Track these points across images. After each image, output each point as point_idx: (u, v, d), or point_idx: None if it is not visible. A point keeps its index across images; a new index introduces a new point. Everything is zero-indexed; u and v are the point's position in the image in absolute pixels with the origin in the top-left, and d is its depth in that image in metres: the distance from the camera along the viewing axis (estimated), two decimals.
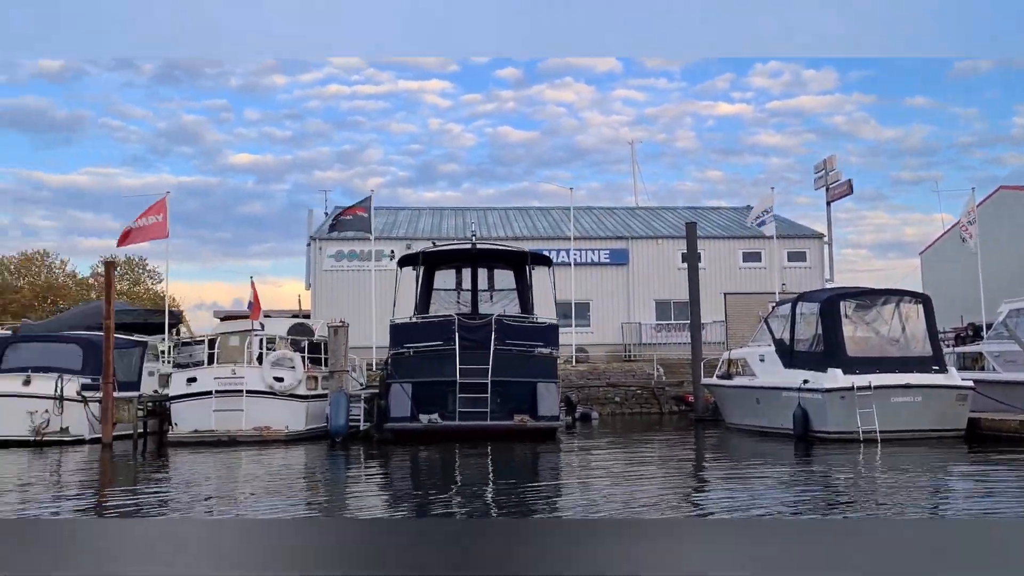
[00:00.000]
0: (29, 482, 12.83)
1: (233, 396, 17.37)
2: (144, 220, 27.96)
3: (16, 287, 65.05)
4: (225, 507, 9.81)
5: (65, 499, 10.80)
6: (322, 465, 14.54)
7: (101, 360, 19.04)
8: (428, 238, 35.58)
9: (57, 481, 13.07)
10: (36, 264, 68.16)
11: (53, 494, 11.39)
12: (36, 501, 10.56)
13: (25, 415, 17.70)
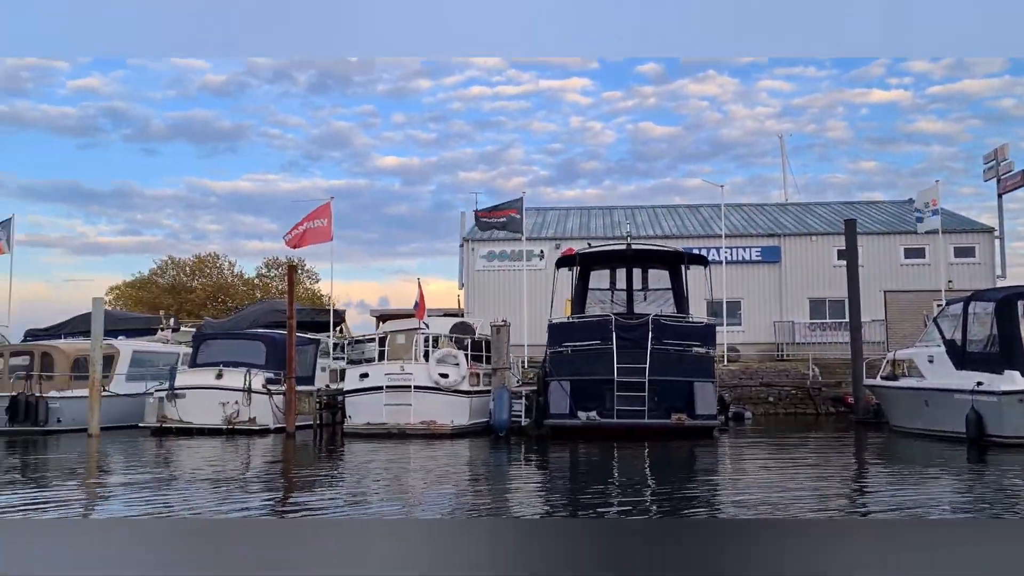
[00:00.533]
0: (225, 468, 14.16)
1: (402, 391, 18.41)
2: (310, 224, 29.66)
3: (190, 287, 69.98)
4: (404, 498, 10.56)
5: (263, 485, 11.91)
6: (490, 458, 15.23)
7: (282, 356, 20.60)
8: (576, 238, 36.06)
9: (257, 465, 14.34)
10: (208, 266, 73.01)
11: (259, 482, 12.55)
12: (242, 484, 11.73)
13: (218, 406, 19.39)
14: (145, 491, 10.87)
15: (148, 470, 13.51)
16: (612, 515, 8.50)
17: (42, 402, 19.48)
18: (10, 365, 21.05)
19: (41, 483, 12.06)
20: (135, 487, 11.34)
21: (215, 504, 9.63)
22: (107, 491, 11.19)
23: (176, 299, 64.65)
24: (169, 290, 68.10)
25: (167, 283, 69.90)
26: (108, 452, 16.38)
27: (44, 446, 17.50)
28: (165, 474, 12.93)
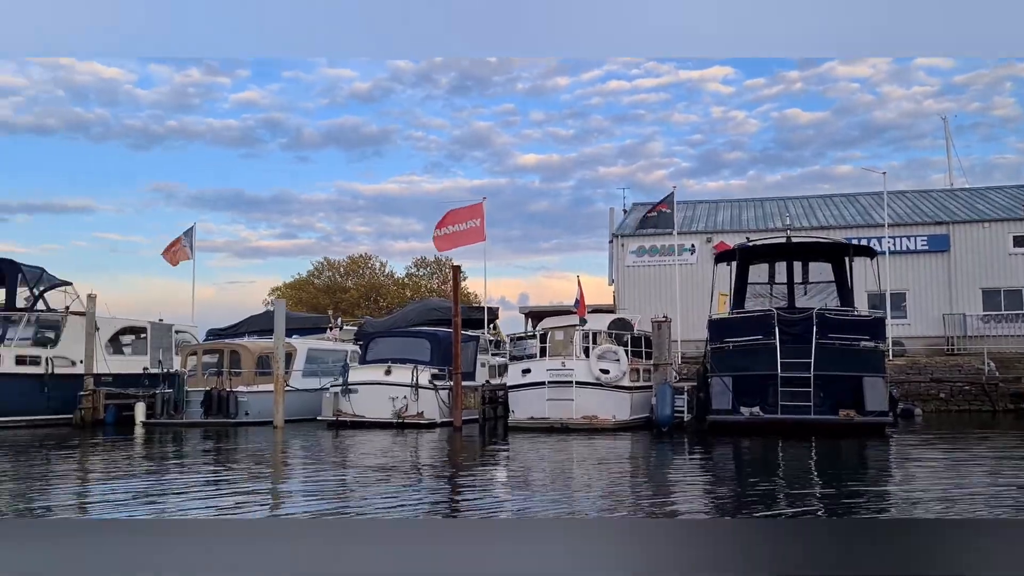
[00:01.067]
0: (407, 458, 14.97)
1: (564, 387, 18.84)
2: (463, 225, 30.43)
3: (345, 287, 73.20)
4: (581, 493, 10.90)
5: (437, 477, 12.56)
6: (656, 453, 15.38)
7: (446, 353, 21.47)
8: (728, 231, 35.49)
9: (434, 456, 15.09)
10: (360, 266, 76.20)
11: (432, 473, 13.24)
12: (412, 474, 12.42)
13: (388, 400, 20.45)
14: (329, 481, 11.72)
15: (334, 459, 14.49)
16: (792, 513, 8.52)
17: (232, 396, 21.14)
18: (203, 362, 22.95)
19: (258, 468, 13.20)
20: (317, 474, 12.24)
21: (396, 492, 10.28)
22: (310, 476, 12.12)
23: (332, 299, 67.72)
24: (325, 290, 71.45)
25: (323, 284, 73.43)
26: (295, 442, 17.63)
27: (236, 436, 18.99)
28: (353, 464, 13.85)
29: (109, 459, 14.76)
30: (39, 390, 21.35)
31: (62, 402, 21.62)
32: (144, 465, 13.66)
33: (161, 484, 11.07)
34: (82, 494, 10.31)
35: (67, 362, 22.29)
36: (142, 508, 8.99)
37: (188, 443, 17.94)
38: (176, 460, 14.48)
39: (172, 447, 17.03)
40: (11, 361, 21.13)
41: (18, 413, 20.79)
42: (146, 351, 25.09)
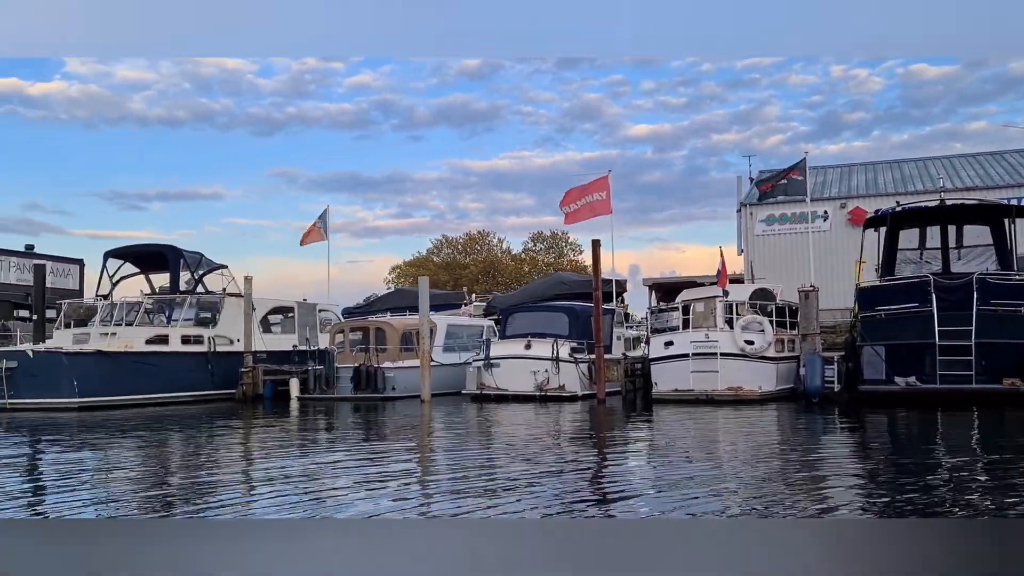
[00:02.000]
0: (563, 430, 15.26)
1: (708, 358, 18.76)
2: (589, 198, 30.40)
3: (464, 264, 74.26)
4: (748, 468, 10.87)
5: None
6: (809, 425, 15.15)
7: (585, 326, 21.67)
8: (863, 196, 34.26)
9: (584, 427, 15.34)
10: (478, 243, 77.13)
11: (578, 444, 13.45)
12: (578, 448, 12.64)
13: (530, 374, 20.85)
14: (474, 451, 12.09)
15: (491, 431, 14.92)
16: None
17: (379, 372, 21.99)
18: (349, 340, 23.95)
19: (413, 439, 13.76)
20: (474, 446, 12.64)
21: (555, 462, 10.52)
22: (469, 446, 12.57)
23: (451, 275, 68.90)
24: (444, 267, 72.66)
25: (442, 261, 74.78)
26: (445, 415, 18.23)
27: (385, 410, 19.77)
28: (505, 435, 14.24)
29: (286, 433, 15.67)
30: (203, 367, 22.76)
31: (223, 378, 22.99)
32: (322, 436, 14.46)
33: (344, 454, 11.69)
34: (276, 469, 11.00)
35: (226, 340, 23.65)
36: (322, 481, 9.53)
37: (349, 416, 18.81)
38: (354, 431, 15.24)
39: (336, 420, 17.92)
40: (177, 340, 22.59)
41: (186, 389, 22.23)
42: (294, 329, 26.31)
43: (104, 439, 14.04)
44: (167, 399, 21.67)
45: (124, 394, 20.88)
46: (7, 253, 58.73)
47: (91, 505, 7.75)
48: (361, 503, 7.58)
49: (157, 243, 24.35)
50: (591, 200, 30.12)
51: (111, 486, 9.03)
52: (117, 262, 24.55)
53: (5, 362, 20.26)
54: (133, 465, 10.90)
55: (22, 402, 20.19)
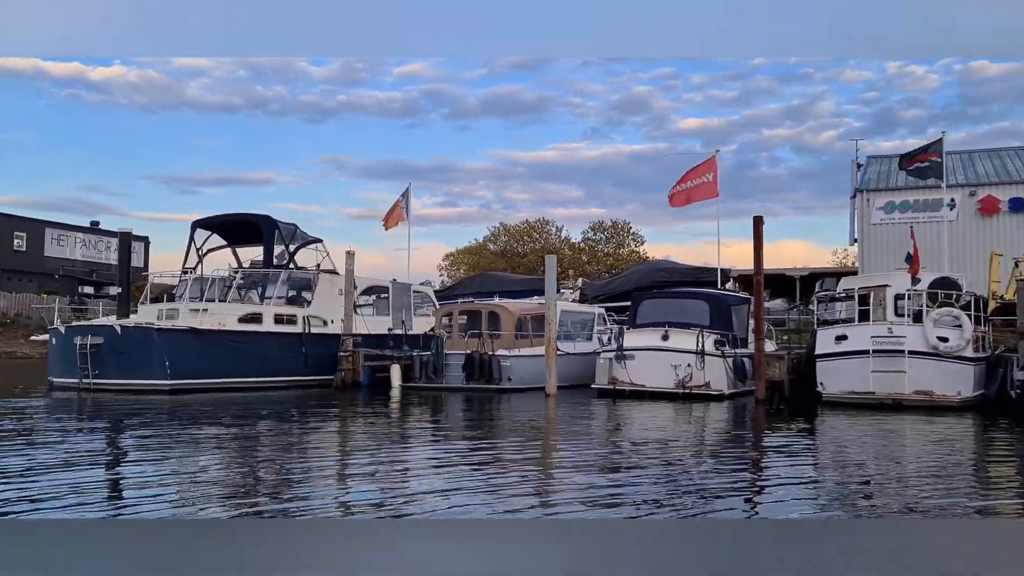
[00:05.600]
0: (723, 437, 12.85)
1: (893, 357, 16.16)
2: (696, 180, 28.02)
3: (521, 252, 72.47)
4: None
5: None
6: None
7: (727, 316, 19.24)
8: (995, 183, 31.51)
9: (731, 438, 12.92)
10: (536, 231, 75.36)
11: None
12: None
13: (669, 368, 18.42)
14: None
15: (639, 435, 12.56)
16: None
17: (495, 360, 19.70)
18: (457, 324, 21.71)
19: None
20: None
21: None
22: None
23: (508, 263, 67.12)
24: (501, 255, 71.04)
25: (499, 249, 73.07)
26: (575, 411, 15.93)
27: (501, 403, 17.52)
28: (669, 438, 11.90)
29: (404, 427, 13.51)
30: (297, 350, 20.68)
31: (317, 362, 20.89)
32: (438, 431, 12.22)
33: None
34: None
35: (319, 321, 21.55)
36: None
37: (461, 409, 16.65)
38: (469, 426, 12.99)
39: (448, 413, 15.74)
40: (271, 320, 20.52)
41: (279, 373, 20.17)
42: (387, 311, 24.17)
43: (210, 431, 11.98)
44: (260, 383, 19.62)
45: (216, 377, 18.86)
46: (73, 228, 57.74)
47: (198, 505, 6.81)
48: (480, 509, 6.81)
49: (250, 212, 22.23)
50: (698, 183, 27.94)
51: (215, 488, 7.73)
52: (205, 233, 22.49)
53: (90, 338, 18.31)
54: (244, 462, 9.22)
55: (108, 382, 18.24)
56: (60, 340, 19.28)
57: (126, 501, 7.13)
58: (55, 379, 19.49)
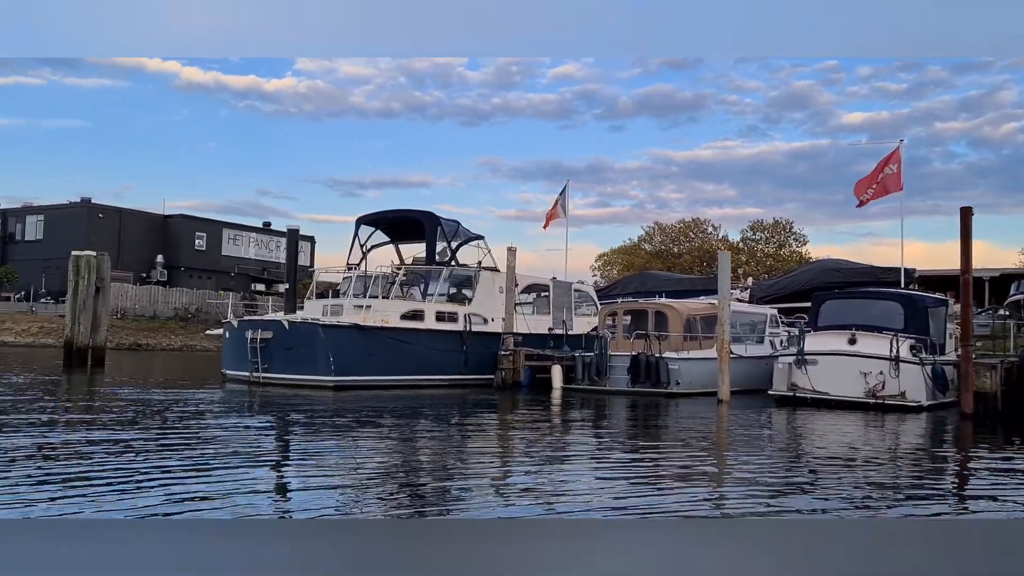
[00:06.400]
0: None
1: None
2: (881, 173, 25.85)
3: (677, 253, 70.67)
4: None
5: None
6: None
7: (923, 319, 17.40)
8: None
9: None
10: (692, 230, 73.31)
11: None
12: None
13: (858, 375, 16.76)
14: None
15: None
16: None
17: (662, 362, 18.62)
18: (621, 324, 20.78)
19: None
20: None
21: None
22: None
23: (664, 264, 65.54)
24: (656, 255, 69.56)
25: (654, 249, 71.57)
26: (751, 420, 14.63)
27: (669, 408, 16.42)
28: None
29: (578, 432, 12.68)
30: (458, 348, 20.34)
31: (477, 361, 20.49)
32: (616, 438, 11.29)
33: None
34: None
35: (480, 319, 21.16)
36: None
37: (626, 413, 15.70)
38: (640, 433, 11.98)
39: (614, 417, 14.80)
40: (432, 317, 20.29)
41: (439, 372, 19.90)
42: (547, 310, 23.53)
43: (373, 429, 11.59)
44: (420, 382, 19.40)
45: (377, 374, 18.77)
46: (247, 229, 61.03)
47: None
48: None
49: (413, 209, 22.14)
50: (883, 176, 25.79)
51: (380, 488, 7.37)
52: (369, 229, 22.60)
53: (260, 332, 18.63)
54: (406, 461, 8.83)
55: (276, 377, 18.50)
56: (233, 334, 19.78)
57: (290, 500, 6.73)
58: (228, 371, 20.02)
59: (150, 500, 6.20)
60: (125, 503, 6.07)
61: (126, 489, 6.57)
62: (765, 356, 19.67)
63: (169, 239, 57.59)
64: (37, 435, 9.63)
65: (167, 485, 6.78)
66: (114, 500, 6.15)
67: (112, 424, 10.92)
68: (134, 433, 10.13)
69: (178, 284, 53.55)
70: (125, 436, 9.79)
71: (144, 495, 6.37)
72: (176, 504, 6.10)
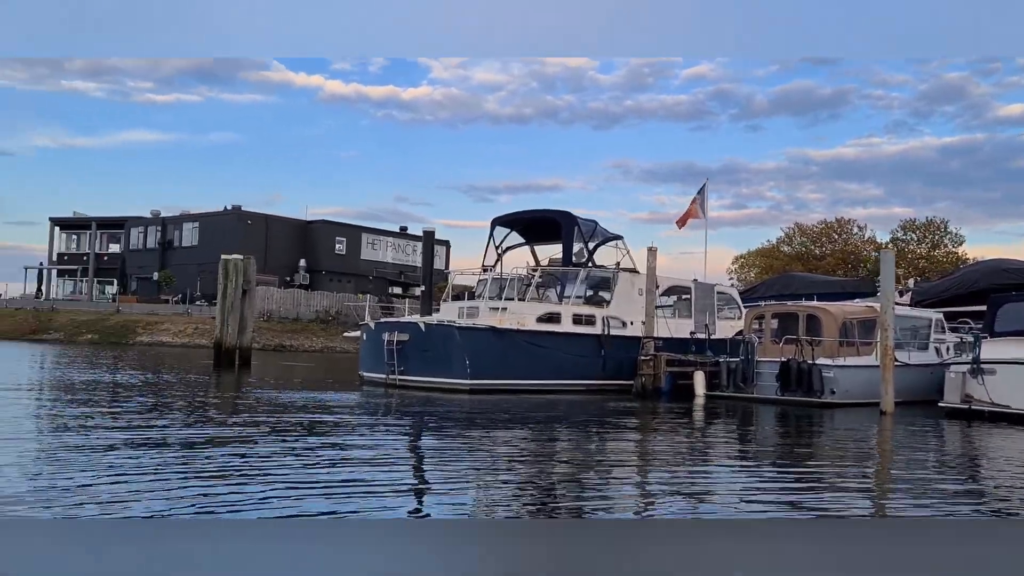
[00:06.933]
0: None
1: None
2: None
3: (819, 254, 67.67)
4: None
5: None
6: None
7: None
8: None
9: None
10: (835, 231, 70.05)
11: None
12: None
13: None
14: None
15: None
16: None
17: (815, 370, 17.34)
18: (770, 328, 19.58)
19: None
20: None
21: None
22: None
23: (805, 266, 62.85)
24: (796, 257, 66.93)
25: (794, 251, 68.86)
26: (919, 435, 13.25)
27: (823, 419, 15.17)
28: None
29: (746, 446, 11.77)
30: (596, 352, 19.70)
31: (615, 366, 19.78)
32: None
33: None
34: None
35: (618, 323, 20.43)
36: None
37: (774, 423, 14.63)
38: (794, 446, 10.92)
39: (764, 428, 13.75)
40: (569, 320, 19.72)
41: (575, 376, 19.33)
42: (688, 313, 22.53)
43: (510, 433, 11.09)
44: (556, 386, 18.88)
45: (513, 377, 18.37)
46: (384, 233, 62.59)
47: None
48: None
49: (549, 209, 21.67)
50: None
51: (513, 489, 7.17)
52: (504, 230, 22.29)
53: (397, 334, 18.59)
54: (544, 467, 8.11)
55: (412, 379, 18.41)
56: (370, 336, 19.86)
57: (425, 502, 6.36)
58: (365, 373, 20.12)
59: (285, 500, 5.97)
60: (251, 502, 5.85)
61: (260, 489, 6.34)
62: (931, 364, 18.06)
63: (311, 244, 59.68)
64: (172, 432, 9.66)
65: (298, 487, 6.50)
66: (250, 501, 5.92)
67: (249, 424, 10.91)
68: (265, 434, 10.03)
69: (319, 287, 55.33)
70: (256, 435, 9.70)
71: (271, 494, 6.11)
72: (307, 503, 5.80)
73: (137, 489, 6.25)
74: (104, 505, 5.67)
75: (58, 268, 68.34)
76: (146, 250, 63.28)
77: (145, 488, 6.32)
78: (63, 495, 5.95)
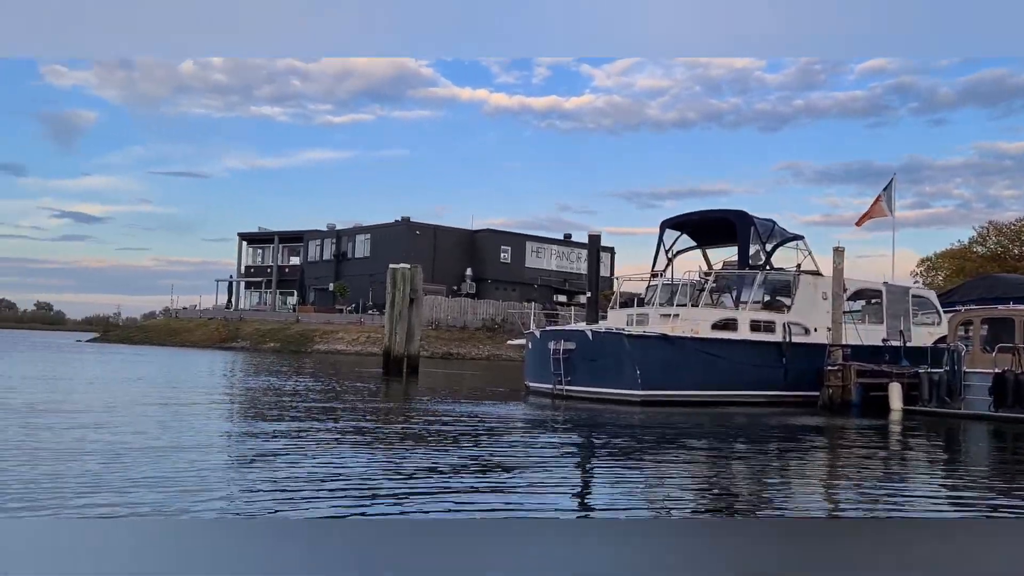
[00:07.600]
0: None
1: None
2: None
3: (1018, 255, 62.29)
4: None
5: None
6: None
7: None
8: None
9: None
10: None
11: None
12: None
13: None
14: None
15: None
16: None
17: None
18: (980, 335, 17.50)
19: None
20: None
21: None
22: None
23: (1003, 267, 57.59)
24: (992, 258, 61.50)
25: (988, 251, 63.38)
26: None
27: None
28: None
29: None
30: (776, 361, 18.30)
31: (797, 376, 18.29)
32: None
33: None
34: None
35: (800, 329, 18.90)
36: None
37: (988, 442, 12.82)
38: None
39: (990, 451, 12.02)
40: (746, 327, 18.43)
41: (754, 387, 18.01)
42: (879, 318, 20.62)
43: (688, 452, 10.14)
44: (733, 398, 17.66)
45: (686, 388, 17.31)
46: (548, 241, 62.62)
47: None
48: None
49: (722, 209, 20.42)
50: None
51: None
52: (674, 234, 21.22)
53: (563, 343, 17.96)
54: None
55: (579, 390, 17.72)
56: (535, 345, 19.36)
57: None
58: (530, 384, 19.63)
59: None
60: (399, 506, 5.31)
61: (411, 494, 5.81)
62: None
63: (477, 253, 60.46)
64: (333, 441, 9.40)
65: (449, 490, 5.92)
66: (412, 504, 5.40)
67: (412, 436, 10.55)
68: (432, 447, 9.59)
69: (485, 296, 55.89)
70: (415, 446, 9.28)
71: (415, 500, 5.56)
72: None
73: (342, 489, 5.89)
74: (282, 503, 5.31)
75: (245, 280, 72.91)
76: (322, 261, 66.31)
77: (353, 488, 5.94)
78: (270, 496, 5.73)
